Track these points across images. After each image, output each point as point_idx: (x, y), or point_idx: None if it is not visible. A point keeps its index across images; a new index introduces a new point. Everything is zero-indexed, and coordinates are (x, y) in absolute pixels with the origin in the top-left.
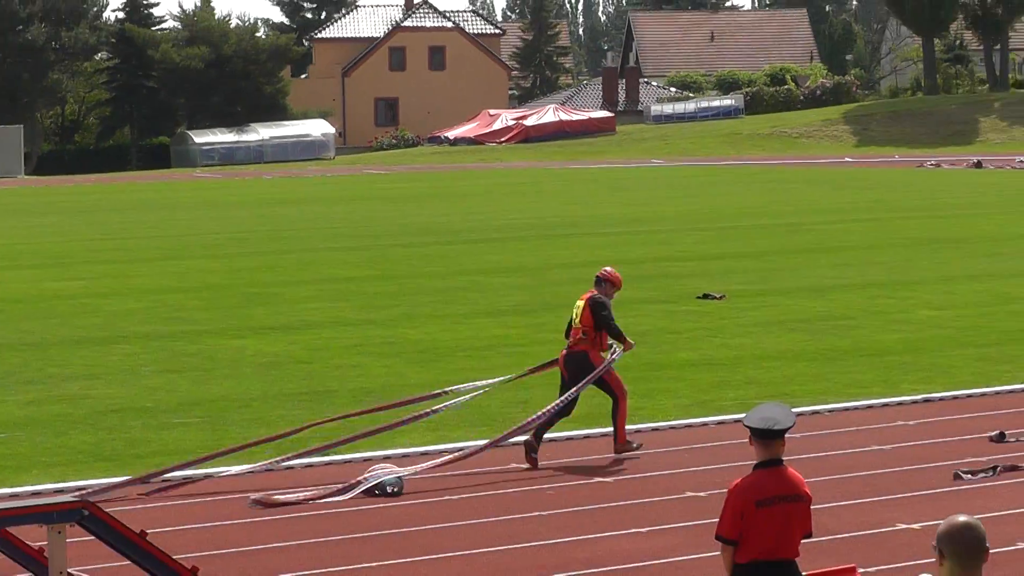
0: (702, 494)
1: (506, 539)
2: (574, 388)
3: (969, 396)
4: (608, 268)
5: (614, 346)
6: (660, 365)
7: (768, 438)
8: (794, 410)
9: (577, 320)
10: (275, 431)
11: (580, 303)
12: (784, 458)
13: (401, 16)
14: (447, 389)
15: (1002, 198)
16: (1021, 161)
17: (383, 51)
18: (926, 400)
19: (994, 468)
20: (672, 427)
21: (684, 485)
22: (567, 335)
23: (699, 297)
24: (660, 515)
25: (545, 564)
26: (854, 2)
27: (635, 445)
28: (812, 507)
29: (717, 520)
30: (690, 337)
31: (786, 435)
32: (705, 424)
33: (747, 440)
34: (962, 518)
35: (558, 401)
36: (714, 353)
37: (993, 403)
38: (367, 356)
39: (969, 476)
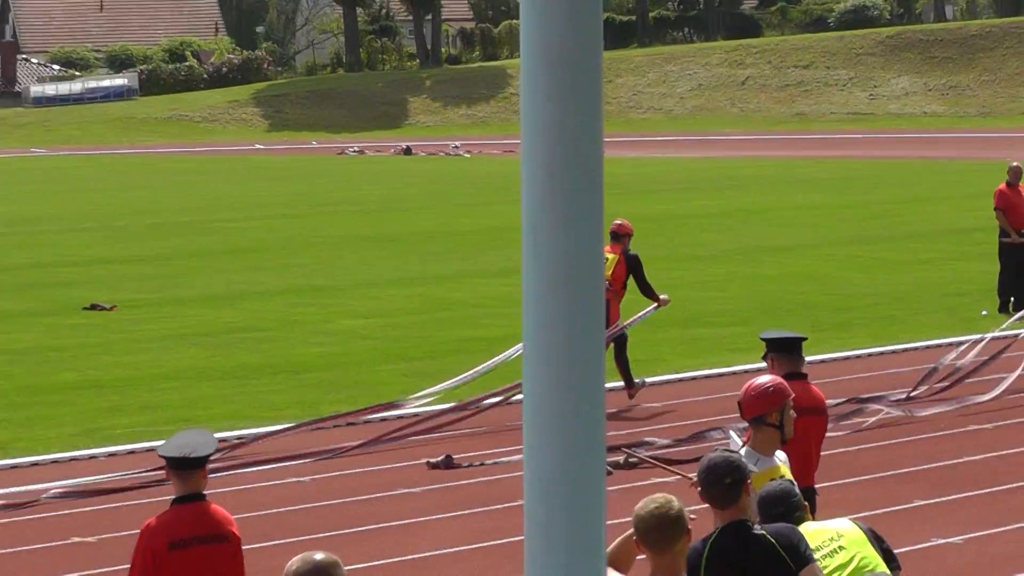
0: (91, 539)
1: None
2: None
3: (400, 417)
4: (621, 220)
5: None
6: (40, 388)
7: (185, 468)
8: (217, 435)
9: (608, 272)
10: None
11: (609, 256)
12: (206, 492)
13: None
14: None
15: (435, 189)
16: (456, 147)
17: None
18: (350, 424)
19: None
20: (55, 461)
21: (68, 530)
22: None
23: (86, 308)
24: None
25: None
26: None
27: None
28: (244, 548)
29: (128, 568)
30: (76, 355)
31: (208, 464)
32: (93, 457)
33: (164, 472)
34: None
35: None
36: (104, 373)
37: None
38: None
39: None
